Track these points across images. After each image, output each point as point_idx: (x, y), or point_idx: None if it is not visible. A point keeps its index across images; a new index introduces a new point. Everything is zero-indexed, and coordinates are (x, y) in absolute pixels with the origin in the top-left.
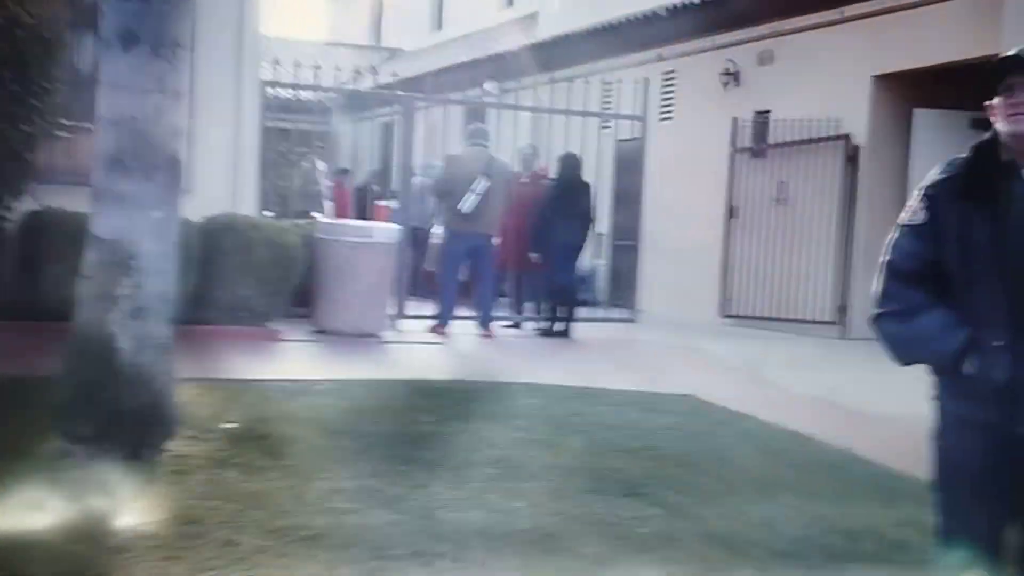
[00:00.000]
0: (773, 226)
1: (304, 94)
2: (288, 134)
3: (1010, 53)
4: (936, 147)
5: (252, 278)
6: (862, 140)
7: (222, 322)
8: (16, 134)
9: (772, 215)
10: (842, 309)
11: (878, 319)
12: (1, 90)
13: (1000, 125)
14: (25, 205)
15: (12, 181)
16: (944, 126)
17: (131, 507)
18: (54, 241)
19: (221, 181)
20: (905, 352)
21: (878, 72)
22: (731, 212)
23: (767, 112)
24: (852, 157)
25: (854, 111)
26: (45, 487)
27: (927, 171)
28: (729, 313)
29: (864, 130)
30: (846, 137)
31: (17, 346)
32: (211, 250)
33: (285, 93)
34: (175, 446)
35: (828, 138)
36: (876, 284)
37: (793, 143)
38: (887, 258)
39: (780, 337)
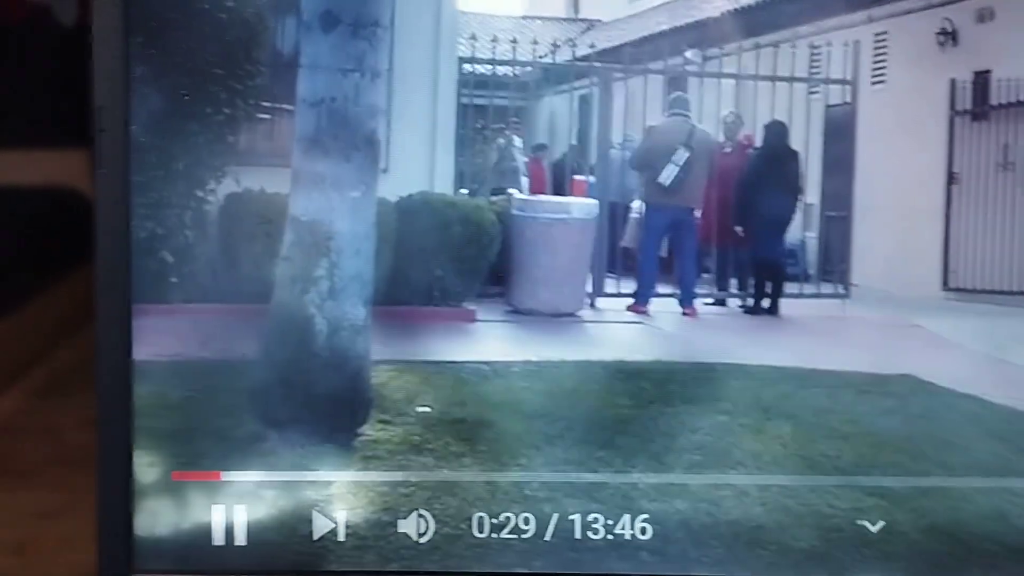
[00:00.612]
0: (999, 193)
1: (501, 69)
2: (484, 110)
3: None
4: None
5: (447, 257)
6: None
7: (417, 302)
8: (219, 117)
9: (998, 181)
10: None
11: None
12: (205, 73)
13: None
14: (225, 187)
15: (214, 163)
16: None
17: (325, 494)
18: (254, 222)
19: (418, 159)
20: None
21: None
22: (951, 179)
23: (988, 72)
24: None
25: None
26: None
27: None
28: (952, 286)
29: None
30: None
31: (217, 329)
32: (406, 229)
33: (482, 69)
34: (369, 430)
35: None
36: None
37: (1018, 104)
38: None
39: (1010, 312)
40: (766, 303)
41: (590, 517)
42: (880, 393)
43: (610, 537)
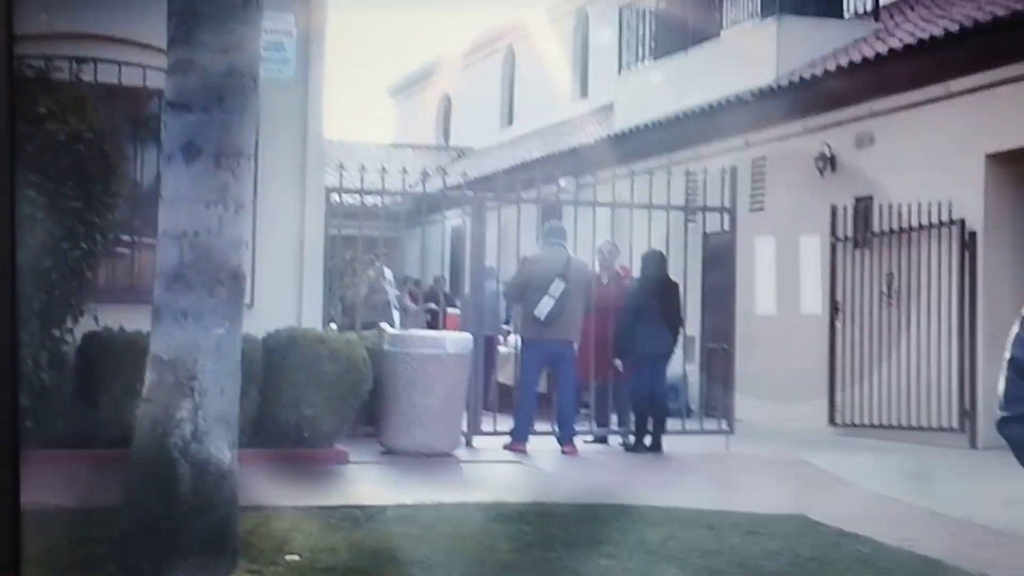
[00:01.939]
0: (883, 323)
1: (370, 199)
2: (354, 241)
3: None
4: None
5: (318, 396)
6: (978, 225)
7: (287, 444)
8: (76, 252)
9: (881, 311)
10: (966, 414)
11: (1004, 423)
12: (61, 206)
13: None
14: (84, 326)
15: (71, 301)
16: None
17: None
18: (113, 363)
19: (285, 294)
20: None
21: (992, 150)
22: (835, 309)
23: (869, 198)
24: (968, 244)
25: (967, 194)
26: None
27: None
28: (838, 421)
29: (980, 214)
30: (960, 222)
31: (76, 475)
32: (275, 367)
33: (350, 199)
34: None
35: (939, 224)
36: (1000, 384)
37: (900, 231)
38: (1011, 355)
39: (897, 447)
40: (648, 440)
41: None
42: (768, 534)
43: None
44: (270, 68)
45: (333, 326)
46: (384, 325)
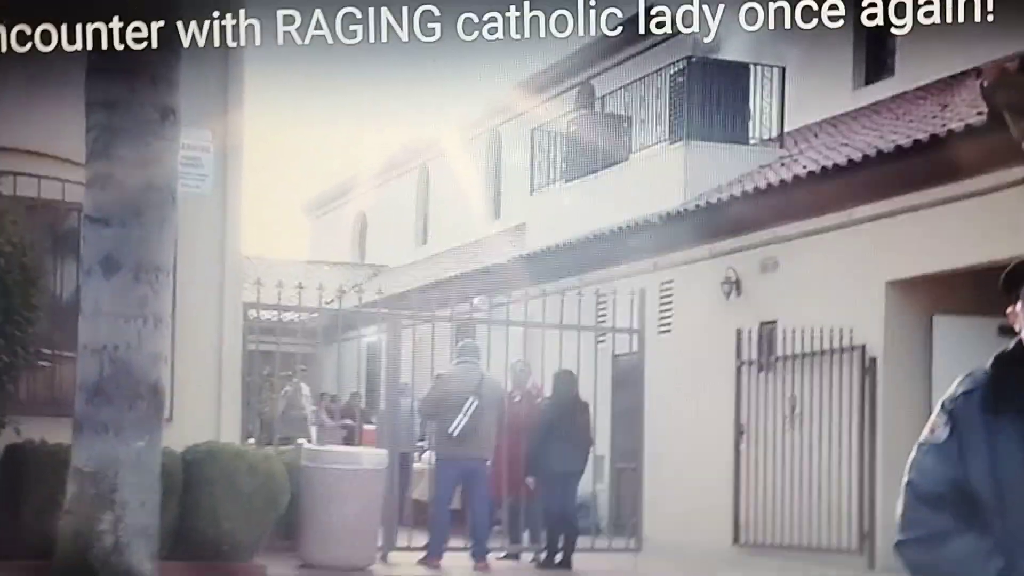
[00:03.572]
0: (786, 445)
1: (287, 315)
2: (271, 357)
3: None
4: (961, 356)
5: (236, 509)
6: (878, 351)
7: (206, 556)
8: None
9: (785, 433)
10: (866, 536)
11: (902, 546)
12: None
13: None
14: (6, 438)
15: None
16: (968, 334)
17: None
18: (35, 475)
19: (203, 408)
20: None
21: (892, 278)
22: (739, 430)
23: (773, 322)
24: (869, 369)
25: (868, 320)
26: None
27: (952, 382)
28: (742, 540)
29: (880, 340)
30: (861, 348)
31: None
32: (194, 480)
33: (268, 315)
34: None
35: (841, 349)
36: (899, 508)
37: (803, 355)
38: (908, 479)
39: (799, 567)
40: (559, 557)
41: None
42: None
43: None
44: (188, 184)
45: (251, 441)
46: (301, 440)
